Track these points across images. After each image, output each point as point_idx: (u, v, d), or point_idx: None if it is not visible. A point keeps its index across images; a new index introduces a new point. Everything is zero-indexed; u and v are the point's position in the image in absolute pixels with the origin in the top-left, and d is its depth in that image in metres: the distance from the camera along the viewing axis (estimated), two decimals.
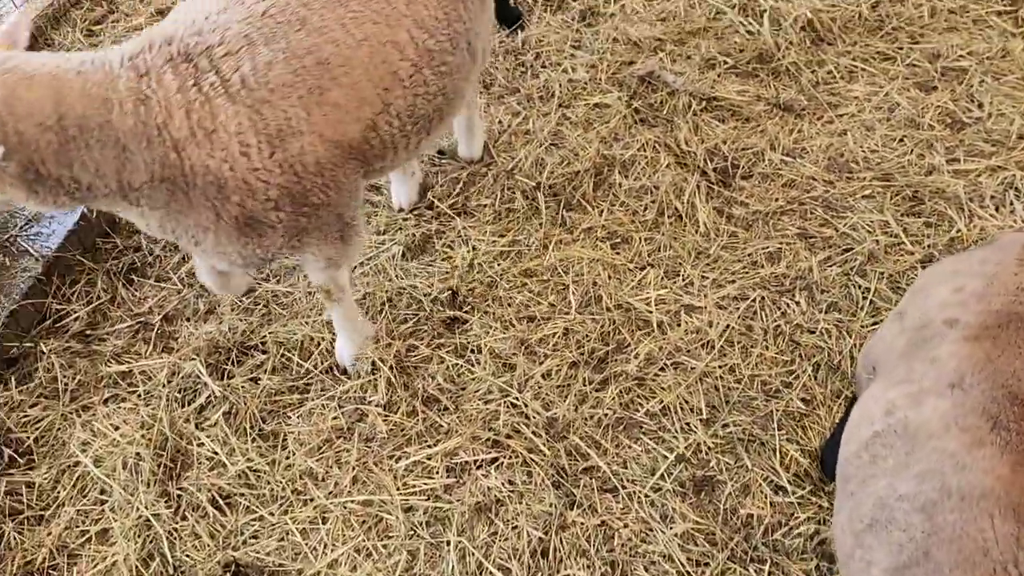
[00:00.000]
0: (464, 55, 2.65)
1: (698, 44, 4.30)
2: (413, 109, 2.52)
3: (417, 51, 2.44)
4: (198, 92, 2.15)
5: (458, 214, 3.56)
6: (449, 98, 2.66)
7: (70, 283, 3.38)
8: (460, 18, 2.57)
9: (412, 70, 2.45)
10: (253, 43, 2.20)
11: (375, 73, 2.37)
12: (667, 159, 3.68)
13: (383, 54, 2.37)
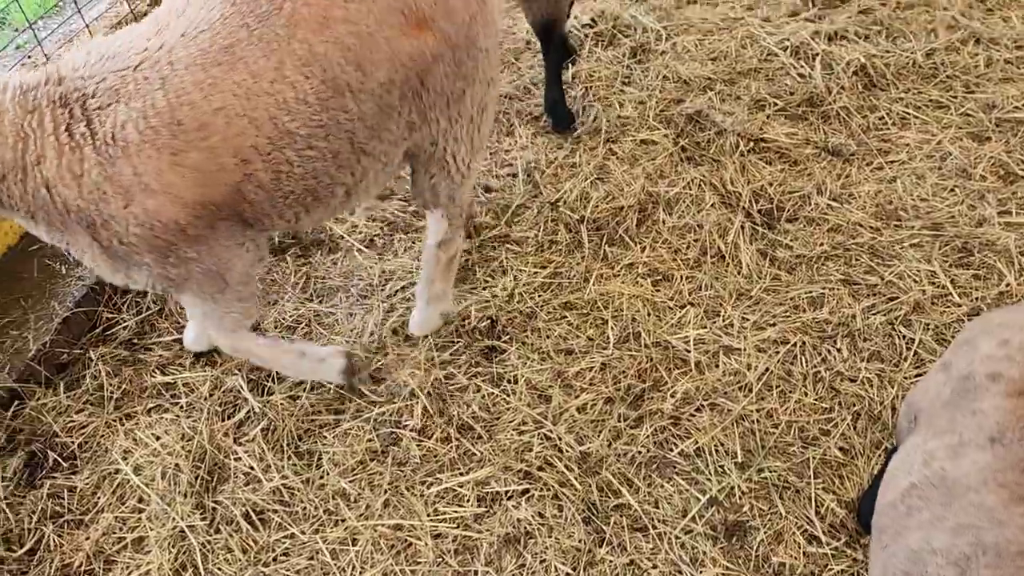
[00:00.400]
0: (344, 146, 2.47)
1: (748, 85, 4.32)
2: (278, 184, 2.44)
3: (277, 131, 2.34)
4: (69, 138, 2.24)
5: (501, 244, 3.60)
6: (324, 182, 2.53)
7: (121, 293, 3.47)
8: (345, 109, 2.40)
9: (270, 147, 2.36)
10: (119, 99, 2.25)
11: (232, 143, 2.32)
12: (712, 198, 3.68)
13: (239, 126, 2.30)
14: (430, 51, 2.49)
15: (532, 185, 3.87)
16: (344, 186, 2.60)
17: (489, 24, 2.63)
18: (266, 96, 2.31)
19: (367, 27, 2.37)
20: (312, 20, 2.31)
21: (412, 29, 2.45)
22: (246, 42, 2.28)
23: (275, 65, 2.29)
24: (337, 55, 2.34)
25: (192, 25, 2.31)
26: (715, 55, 4.59)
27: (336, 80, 2.36)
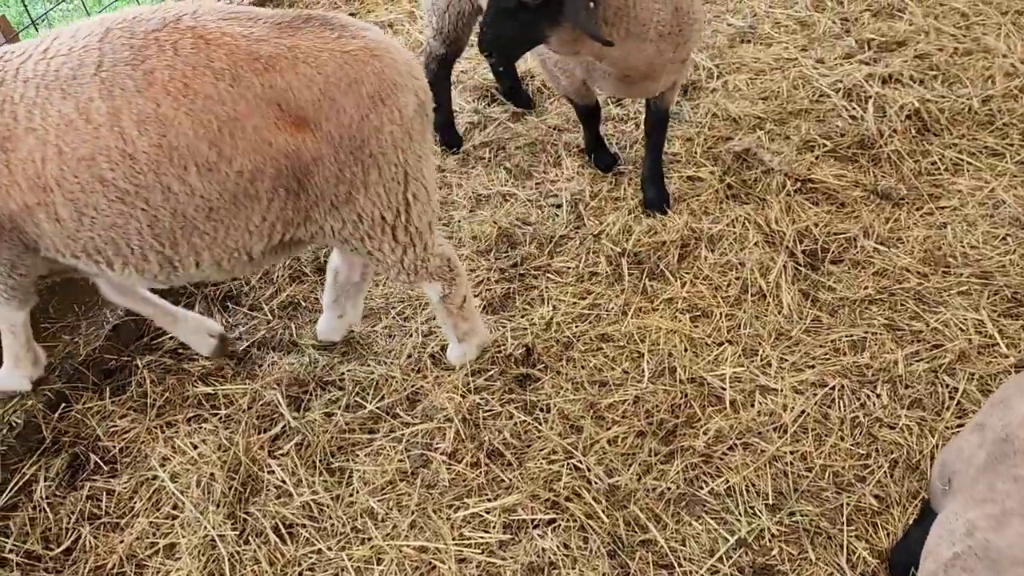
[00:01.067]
0: (166, 216, 2.41)
1: (798, 125, 4.30)
2: (80, 224, 2.41)
3: (89, 173, 2.33)
4: None
5: (542, 273, 3.62)
6: (134, 243, 2.46)
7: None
8: (181, 181, 2.36)
9: (77, 186, 2.34)
10: None
11: (34, 166, 2.32)
12: (756, 237, 3.66)
13: (46, 153, 2.31)
14: (309, 152, 2.41)
15: (576, 216, 3.90)
16: (159, 255, 2.50)
17: (387, 125, 2.48)
18: (88, 136, 2.29)
19: (232, 110, 2.32)
20: (169, 83, 2.28)
21: (288, 126, 2.37)
22: (87, 79, 2.29)
23: (109, 110, 2.27)
24: (187, 126, 2.30)
25: (58, 46, 2.36)
26: (766, 94, 4.58)
27: (177, 149, 2.31)
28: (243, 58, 2.32)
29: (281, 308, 3.54)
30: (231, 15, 2.42)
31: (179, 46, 2.31)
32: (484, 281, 3.59)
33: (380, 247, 2.70)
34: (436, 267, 2.87)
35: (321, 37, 2.41)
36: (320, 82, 2.36)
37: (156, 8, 2.42)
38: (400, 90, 2.49)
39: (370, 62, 2.42)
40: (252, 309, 3.57)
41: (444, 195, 4.13)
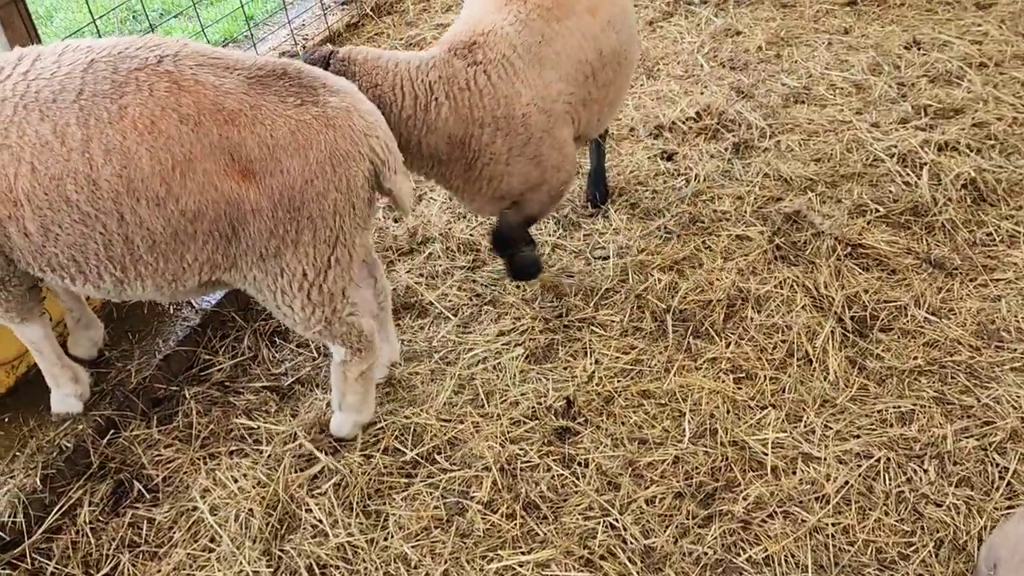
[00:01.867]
0: (118, 242, 2.51)
1: (851, 189, 4.28)
2: (45, 239, 2.51)
3: (57, 192, 2.42)
4: None
5: (586, 325, 3.63)
6: (91, 263, 2.57)
7: (220, 336, 3.66)
8: (132, 211, 2.46)
9: (45, 203, 2.44)
10: None
11: (8, 179, 2.42)
12: (803, 300, 3.63)
13: (19, 169, 2.41)
14: (249, 203, 2.50)
15: (621, 270, 3.91)
16: (112, 276, 2.61)
17: (332, 193, 2.55)
18: (60, 157, 2.40)
19: (188, 152, 2.42)
20: (139, 119, 2.39)
21: (236, 174, 2.47)
22: (67, 105, 2.41)
23: (83, 137, 2.39)
24: (146, 161, 2.40)
25: (45, 69, 2.46)
26: (819, 156, 4.57)
27: (133, 182, 2.42)
28: (208, 107, 2.43)
29: (327, 347, 3.58)
30: (210, 62, 2.52)
31: (155, 87, 2.43)
32: (528, 330, 3.61)
33: (291, 303, 2.75)
34: (342, 332, 2.89)
35: (284, 102, 2.50)
36: (270, 143, 2.46)
37: (143, 43, 2.53)
38: (350, 160, 2.56)
39: (323, 131, 2.50)
40: (299, 346, 3.63)
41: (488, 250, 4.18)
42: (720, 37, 6.00)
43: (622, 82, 3.54)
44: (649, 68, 5.65)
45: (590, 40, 3.27)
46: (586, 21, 3.26)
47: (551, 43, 3.18)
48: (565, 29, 3.21)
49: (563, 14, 3.21)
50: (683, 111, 5.04)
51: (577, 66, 3.25)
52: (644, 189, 4.47)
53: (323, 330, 2.83)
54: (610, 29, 3.33)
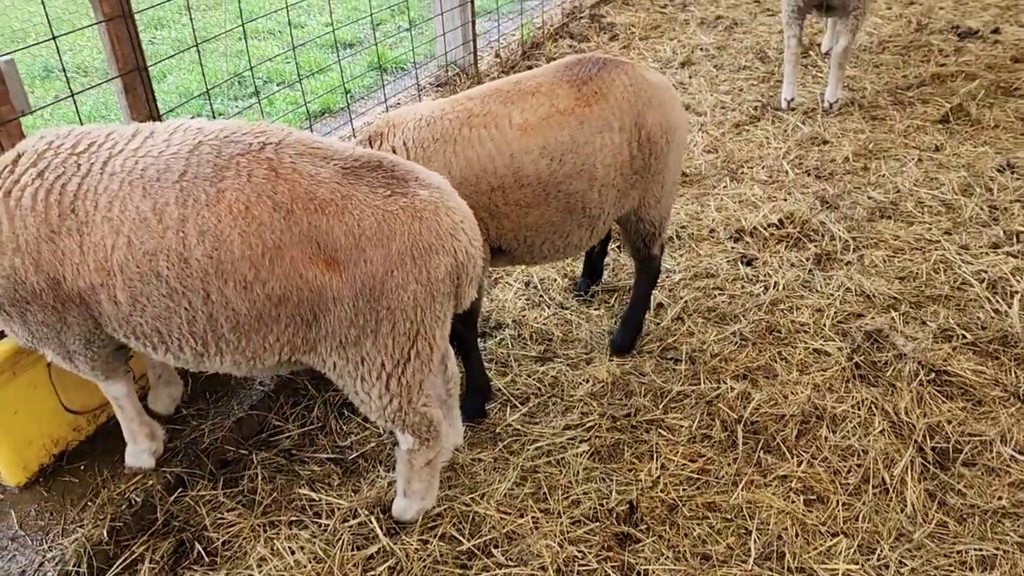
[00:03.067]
0: (202, 318, 2.59)
1: (936, 311, 4.18)
2: (133, 309, 2.60)
3: (149, 266, 2.53)
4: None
5: (654, 428, 3.58)
6: (174, 335, 2.65)
7: (292, 404, 3.72)
8: (220, 292, 2.54)
9: (137, 275, 2.54)
10: (37, 164, 2.60)
11: (103, 250, 2.53)
12: (882, 424, 3.52)
13: (116, 241, 2.52)
14: (332, 291, 2.54)
15: (693, 375, 3.87)
16: (193, 350, 2.69)
17: (412, 284, 2.58)
18: (154, 233, 2.50)
19: (278, 239, 2.48)
20: (234, 204, 2.48)
21: (321, 263, 2.52)
22: (168, 185, 2.50)
23: (180, 216, 2.49)
24: (236, 244, 2.47)
25: (152, 147, 2.58)
26: (904, 275, 4.49)
27: (223, 264, 2.49)
28: (301, 196, 2.51)
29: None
30: (310, 151, 2.62)
31: (254, 174, 2.52)
32: (595, 427, 3.58)
33: (369, 391, 2.77)
34: (414, 423, 2.90)
35: (374, 192, 2.57)
36: (356, 233, 2.52)
37: (249, 129, 2.64)
38: (433, 253, 2.59)
39: (408, 223, 2.55)
40: (366, 420, 3.66)
41: (564, 332, 4.20)
42: (807, 145, 6.02)
43: (554, 214, 3.39)
44: (733, 171, 5.69)
45: (505, 155, 3.25)
46: (509, 136, 3.26)
47: (452, 144, 3.23)
48: (477, 136, 3.24)
49: (484, 123, 3.26)
50: (765, 217, 5.03)
51: (480, 174, 3.24)
52: (721, 293, 4.45)
53: (396, 419, 2.86)
54: (542, 155, 3.27)
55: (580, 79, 3.41)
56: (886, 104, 6.59)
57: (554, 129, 3.30)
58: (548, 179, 3.31)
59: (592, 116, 3.35)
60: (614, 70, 3.46)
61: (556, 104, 3.33)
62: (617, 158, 3.42)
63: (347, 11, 10.05)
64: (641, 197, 3.61)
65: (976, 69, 7.04)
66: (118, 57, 4.03)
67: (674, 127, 3.53)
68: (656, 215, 3.71)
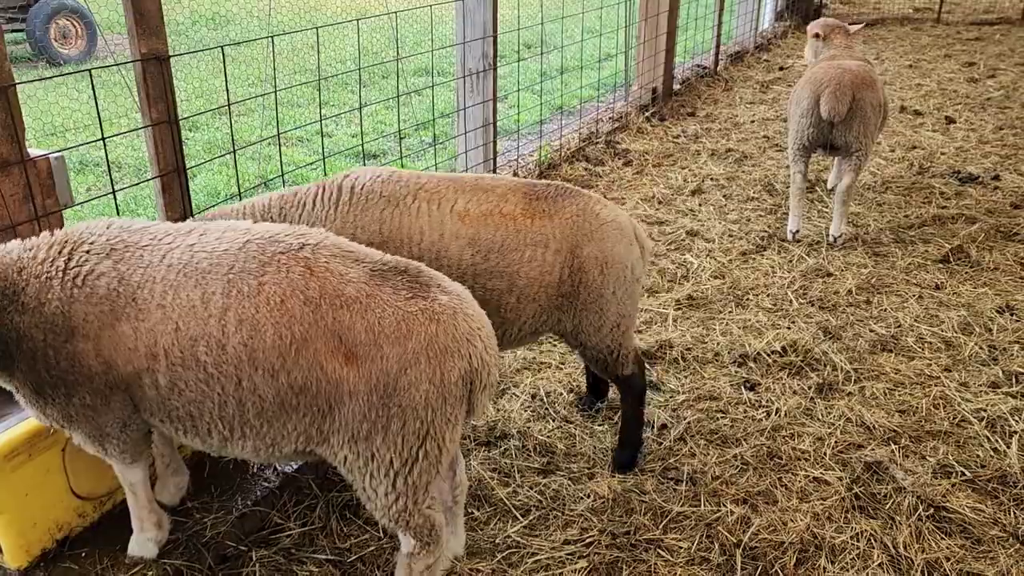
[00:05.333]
0: (232, 404, 2.72)
1: (936, 447, 4.22)
2: (171, 393, 2.74)
3: (191, 352, 2.68)
4: (48, 269, 2.81)
5: (653, 548, 3.59)
6: (204, 419, 2.78)
7: (295, 502, 3.76)
8: (249, 379, 2.67)
9: (179, 360, 2.69)
10: (110, 256, 2.79)
11: (153, 336, 2.69)
12: (881, 558, 3.52)
13: (166, 328, 2.68)
14: (348, 384, 2.65)
15: (694, 496, 3.90)
16: (220, 434, 2.82)
17: (424, 384, 2.66)
18: (199, 319, 2.67)
19: (304, 331, 2.64)
20: (271, 296, 2.67)
21: (341, 356, 2.65)
22: (218, 276, 2.70)
23: (223, 306, 2.67)
24: (269, 334, 2.65)
25: (204, 243, 2.79)
26: (904, 408, 4.56)
27: (255, 351, 2.65)
28: (330, 293, 2.67)
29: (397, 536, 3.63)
30: (343, 253, 2.80)
31: (291, 271, 2.71)
32: (595, 543, 3.59)
33: (376, 488, 2.83)
34: (417, 524, 2.94)
35: (397, 293, 2.71)
36: (376, 330, 2.65)
37: (292, 231, 2.86)
38: (448, 355, 2.69)
39: (426, 324, 2.67)
40: (368, 523, 3.68)
41: (568, 446, 4.25)
42: (811, 276, 6.20)
43: None
44: (739, 297, 5.85)
45: (436, 232, 3.49)
46: (446, 218, 3.50)
47: (394, 206, 3.52)
48: (417, 207, 3.52)
49: (429, 198, 3.54)
50: (769, 343, 5.15)
51: (405, 240, 3.48)
52: (723, 416, 4.52)
53: (400, 519, 2.90)
54: (469, 245, 3.48)
55: (535, 195, 3.64)
56: (888, 241, 6.81)
57: (489, 227, 3.52)
58: (467, 269, 3.50)
59: (530, 228, 3.56)
60: (569, 197, 3.67)
61: (502, 206, 3.56)
62: (544, 276, 3.58)
63: (374, 124, 10.55)
64: (575, 323, 3.72)
65: (976, 213, 7.30)
66: (159, 159, 4.29)
67: (612, 262, 3.66)
68: (601, 343, 3.81)
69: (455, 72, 7.36)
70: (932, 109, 10.81)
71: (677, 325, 5.50)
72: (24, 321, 2.73)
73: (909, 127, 10.03)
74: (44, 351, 2.74)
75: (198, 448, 2.95)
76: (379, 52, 14.41)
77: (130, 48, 4.15)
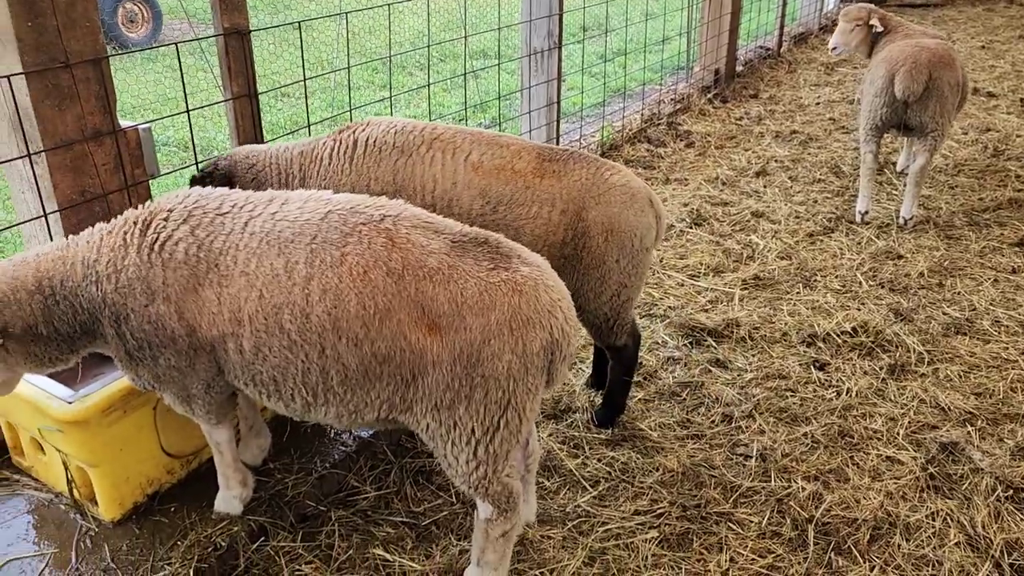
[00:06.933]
0: (315, 371, 2.77)
1: (1014, 430, 4.14)
2: (255, 358, 2.81)
3: (274, 318, 2.73)
4: (124, 239, 2.93)
5: (724, 520, 3.60)
6: (288, 384, 2.83)
7: (370, 467, 3.85)
8: (332, 347, 2.71)
9: (263, 326, 2.75)
10: (188, 222, 2.88)
11: (237, 302, 2.76)
12: (958, 536, 3.48)
13: (250, 295, 2.75)
14: (431, 354, 2.68)
15: (764, 472, 3.89)
16: (303, 399, 2.88)
17: (507, 355, 2.67)
18: (284, 289, 2.72)
19: (388, 302, 2.67)
20: (354, 267, 2.71)
21: (424, 327, 2.67)
22: (301, 246, 2.75)
23: (306, 275, 2.72)
24: (352, 303, 2.68)
25: (288, 212, 2.85)
26: (980, 391, 4.48)
27: (338, 321, 2.69)
28: (412, 264, 2.70)
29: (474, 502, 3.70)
30: (423, 224, 2.83)
31: (373, 241, 2.74)
32: (665, 515, 3.61)
33: (458, 456, 2.87)
34: (495, 492, 2.97)
35: (479, 264, 2.73)
36: (459, 301, 2.67)
37: (372, 202, 2.90)
38: (530, 326, 2.70)
39: (509, 295, 2.68)
40: (440, 488, 3.76)
41: (631, 420, 4.27)
42: (881, 258, 6.10)
43: None
44: (807, 278, 5.78)
45: (448, 182, 3.60)
46: (459, 167, 3.62)
47: (407, 156, 3.64)
48: (431, 156, 3.64)
49: (443, 148, 3.64)
50: (839, 324, 5.09)
51: (418, 188, 3.63)
52: (792, 395, 4.49)
53: (480, 486, 2.95)
54: (480, 196, 3.59)
55: (548, 156, 3.70)
56: (961, 224, 6.65)
57: (500, 180, 3.60)
58: (476, 219, 3.57)
59: (539, 186, 3.61)
60: (581, 161, 3.71)
61: (515, 163, 3.64)
62: (549, 235, 3.62)
63: (433, 105, 10.63)
64: (575, 287, 3.72)
65: None
66: (240, 132, 4.41)
67: (617, 229, 3.65)
68: (599, 310, 3.82)
69: (520, 51, 7.38)
70: (1007, 91, 10.49)
71: (744, 304, 5.46)
72: (104, 289, 2.85)
73: (982, 109, 9.75)
74: (127, 315, 2.86)
75: (281, 412, 3.04)
76: (435, 34, 14.48)
77: (213, 23, 4.26)
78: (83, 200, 3.62)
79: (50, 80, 3.37)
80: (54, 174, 3.49)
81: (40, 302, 2.85)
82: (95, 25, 3.50)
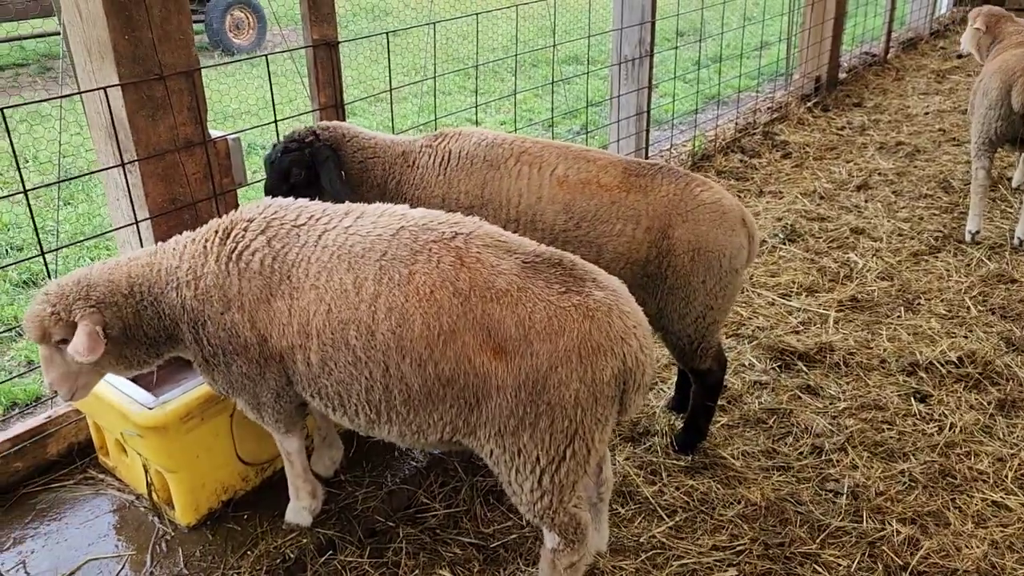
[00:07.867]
0: (378, 388, 2.73)
1: None
2: (321, 371, 2.78)
3: (341, 334, 2.70)
4: (205, 248, 2.98)
5: (808, 562, 3.39)
6: (352, 401, 2.80)
7: (440, 483, 3.80)
8: (396, 366, 2.66)
9: (330, 340, 2.72)
10: (265, 232, 2.89)
11: (305, 315, 2.75)
12: None
13: (318, 309, 2.73)
14: (496, 379, 2.55)
15: (855, 511, 3.65)
16: (367, 416, 2.84)
17: (575, 383, 2.55)
18: (351, 304, 2.69)
19: (453, 323, 2.57)
20: (421, 286, 2.63)
21: (489, 350, 2.56)
22: (371, 262, 2.70)
23: (374, 292, 2.66)
24: (417, 323, 2.60)
25: (361, 225, 2.82)
26: None
27: (403, 340, 2.62)
28: (480, 285, 2.61)
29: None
30: (495, 243, 2.73)
31: (442, 260, 2.67)
32: (746, 552, 3.43)
33: (522, 484, 2.75)
34: (562, 522, 2.85)
35: (550, 287, 2.61)
36: (527, 325, 2.56)
37: (445, 219, 2.83)
38: (601, 354, 2.56)
39: (579, 321, 2.55)
40: (510, 510, 3.68)
41: (714, 458, 4.09)
42: (992, 282, 5.71)
43: None
44: (909, 301, 5.46)
45: (533, 196, 3.58)
46: (545, 181, 3.58)
47: (496, 169, 3.65)
48: (519, 170, 3.63)
49: (531, 162, 3.62)
50: (943, 352, 4.77)
51: (504, 203, 3.62)
52: (890, 428, 4.22)
53: (545, 516, 2.85)
54: (564, 211, 3.56)
55: (635, 171, 3.60)
56: None
57: (585, 195, 3.53)
58: (559, 234, 3.53)
59: (624, 202, 3.50)
60: (669, 176, 3.59)
61: (600, 177, 3.56)
62: (632, 252, 3.50)
63: (522, 111, 10.58)
64: (659, 307, 3.60)
65: None
66: None
67: (704, 248, 3.48)
68: (683, 332, 3.66)
69: (610, 59, 7.25)
70: None
71: (839, 328, 5.18)
72: (183, 295, 2.89)
73: None
74: (204, 321, 2.89)
75: (347, 426, 3.02)
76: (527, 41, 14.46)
77: (303, 34, 4.31)
78: (173, 208, 3.70)
79: (144, 91, 3.46)
80: (147, 183, 3.58)
81: (132, 306, 2.91)
82: (189, 38, 3.57)
